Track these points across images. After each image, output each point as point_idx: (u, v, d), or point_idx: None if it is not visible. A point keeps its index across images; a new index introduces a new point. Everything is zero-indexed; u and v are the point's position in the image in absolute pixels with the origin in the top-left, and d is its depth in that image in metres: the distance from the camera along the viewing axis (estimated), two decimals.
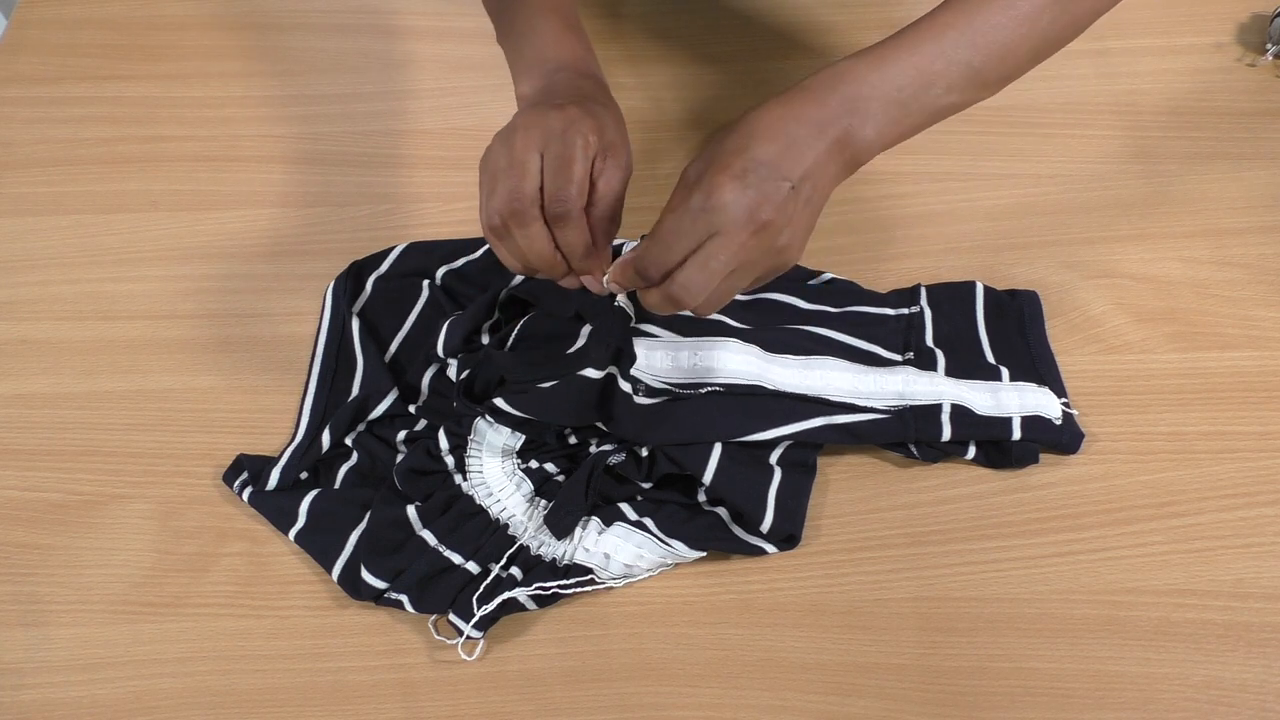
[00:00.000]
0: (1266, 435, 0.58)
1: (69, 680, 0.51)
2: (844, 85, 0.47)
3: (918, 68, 0.48)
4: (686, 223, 0.44)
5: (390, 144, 0.72)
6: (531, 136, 0.47)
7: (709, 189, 0.44)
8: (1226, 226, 0.67)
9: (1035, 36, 0.49)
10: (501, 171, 0.47)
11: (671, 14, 0.81)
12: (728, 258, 0.44)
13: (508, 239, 0.48)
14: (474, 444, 0.55)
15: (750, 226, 0.44)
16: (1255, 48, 0.77)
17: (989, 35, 0.48)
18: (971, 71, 0.49)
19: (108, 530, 0.55)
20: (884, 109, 0.47)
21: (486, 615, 0.50)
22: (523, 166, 0.46)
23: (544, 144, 0.46)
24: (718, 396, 0.55)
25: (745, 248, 0.44)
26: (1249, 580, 0.53)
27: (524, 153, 0.46)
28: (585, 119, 0.47)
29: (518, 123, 0.48)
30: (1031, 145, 0.72)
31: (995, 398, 0.57)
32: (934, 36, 0.48)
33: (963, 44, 0.48)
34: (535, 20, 0.54)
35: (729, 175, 0.44)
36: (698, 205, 0.44)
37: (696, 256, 0.45)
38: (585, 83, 0.52)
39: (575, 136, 0.46)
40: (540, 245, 0.47)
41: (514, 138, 0.47)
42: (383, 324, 0.62)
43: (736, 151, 0.45)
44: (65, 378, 0.61)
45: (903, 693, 0.50)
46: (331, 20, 0.80)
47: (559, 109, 0.47)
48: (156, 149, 0.72)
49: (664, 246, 0.45)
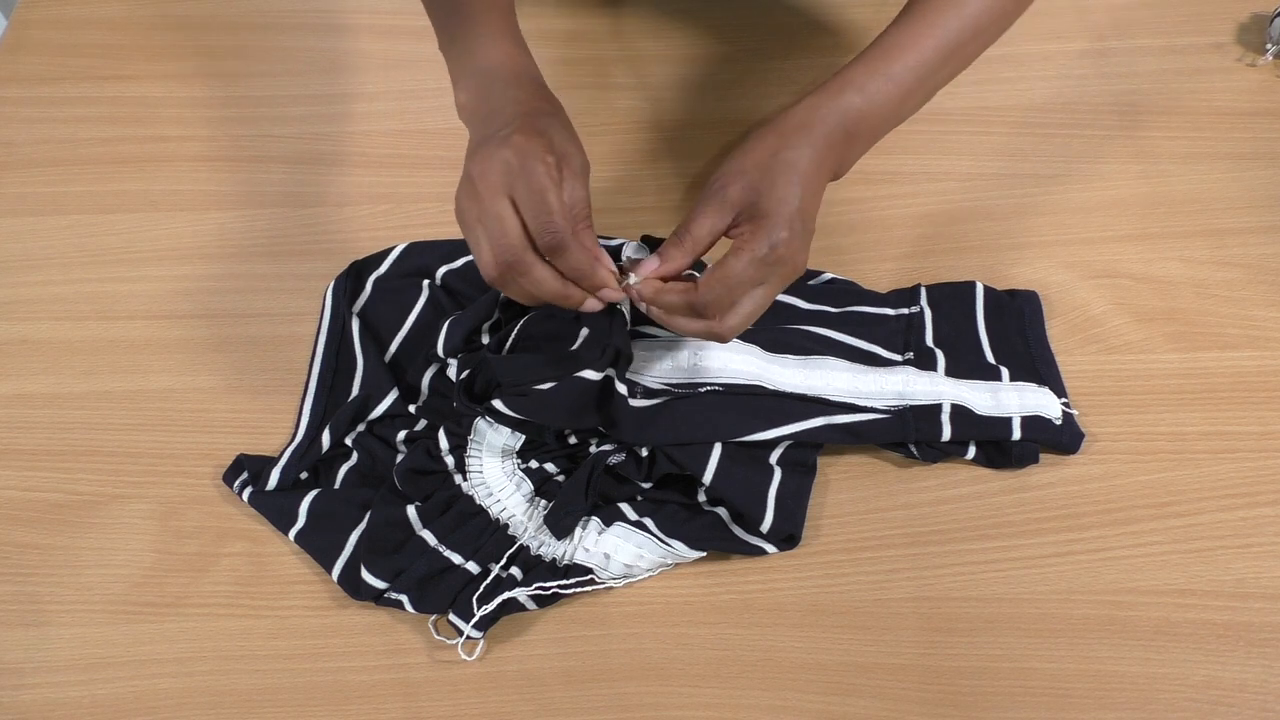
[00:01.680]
0: (1266, 435, 0.58)
1: (69, 680, 0.51)
2: (848, 117, 0.51)
3: (894, 97, 0.52)
4: (751, 272, 0.48)
5: (390, 144, 0.72)
6: (492, 183, 0.47)
7: (776, 244, 0.47)
8: (1226, 226, 0.67)
9: (985, 43, 0.55)
10: (480, 227, 0.48)
11: (671, 14, 0.81)
12: (767, 301, 0.49)
13: (513, 285, 0.49)
14: (474, 444, 0.55)
15: (792, 275, 0.49)
16: (1255, 48, 0.77)
17: (954, 51, 0.53)
18: (935, 87, 0.54)
19: (108, 530, 0.55)
20: (870, 138, 0.53)
21: (486, 615, 0.50)
22: (499, 219, 0.47)
23: (509, 186, 0.47)
24: (717, 396, 0.55)
25: (777, 292, 0.50)
26: (1249, 580, 0.53)
27: (493, 203, 0.47)
28: (533, 139, 0.48)
29: (472, 172, 0.48)
30: (1031, 145, 0.72)
31: (995, 398, 0.57)
32: (911, 60, 0.52)
33: (935, 63, 0.53)
34: (470, 28, 0.54)
35: (789, 231, 0.48)
36: (763, 258, 0.47)
37: (745, 304, 0.49)
38: (521, 91, 0.52)
39: (534, 164, 0.47)
40: (549, 285, 0.48)
41: (476, 189, 0.47)
42: (383, 324, 0.62)
43: (790, 201, 0.48)
44: (65, 378, 0.61)
45: (903, 693, 0.50)
46: (331, 20, 0.80)
47: (504, 143, 0.48)
48: (156, 149, 0.72)
49: (728, 291, 0.48)
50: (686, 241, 0.49)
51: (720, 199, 0.49)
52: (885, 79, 0.52)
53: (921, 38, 0.52)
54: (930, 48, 0.52)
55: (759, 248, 0.47)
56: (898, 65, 0.52)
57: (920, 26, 0.53)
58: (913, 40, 0.52)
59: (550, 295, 0.49)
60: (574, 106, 0.74)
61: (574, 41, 0.79)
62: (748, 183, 0.49)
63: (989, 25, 0.54)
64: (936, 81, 0.54)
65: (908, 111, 0.54)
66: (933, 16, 0.53)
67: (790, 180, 0.49)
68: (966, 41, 0.53)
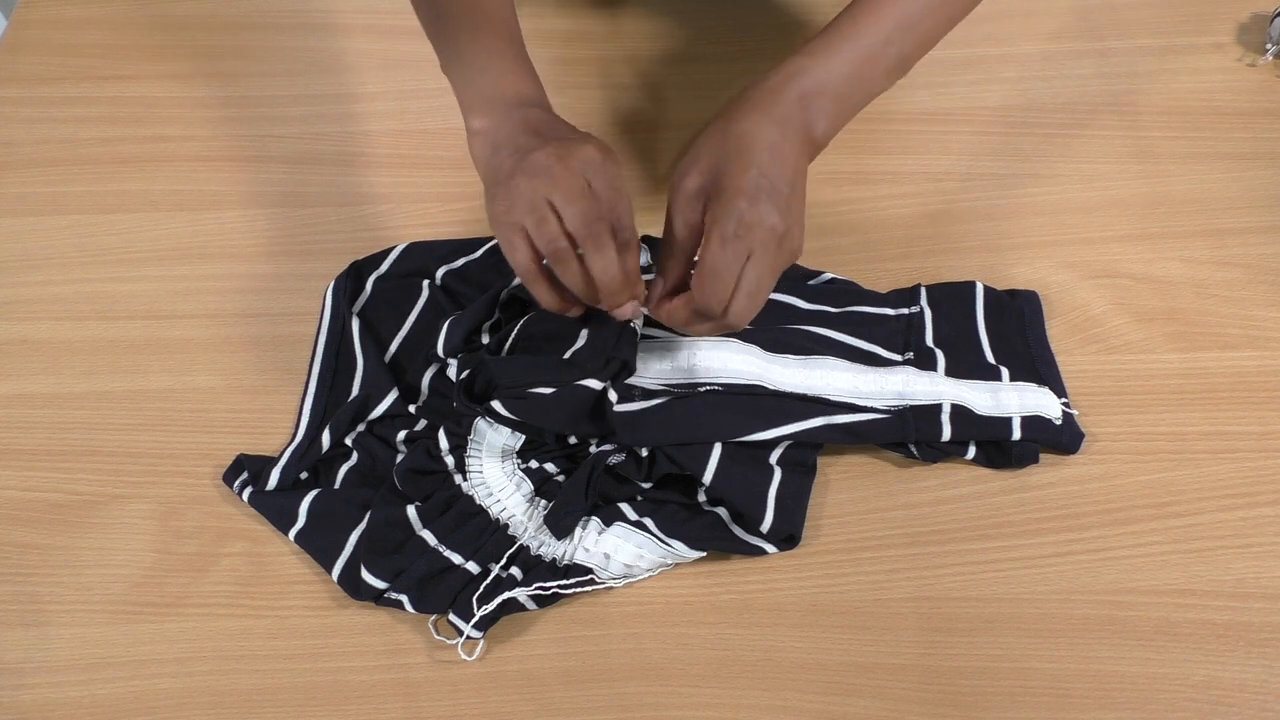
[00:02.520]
0: (1266, 435, 0.58)
1: (69, 680, 0.51)
2: (799, 84, 0.51)
3: (858, 61, 0.52)
4: (730, 252, 0.47)
5: (390, 144, 0.72)
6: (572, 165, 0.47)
7: (739, 214, 0.47)
8: (1226, 226, 0.67)
9: (948, 19, 0.55)
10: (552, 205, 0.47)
11: (671, 14, 0.81)
12: (767, 275, 0.48)
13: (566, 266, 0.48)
14: (474, 444, 0.55)
15: (775, 238, 0.48)
16: (1255, 48, 0.77)
17: (914, 21, 0.53)
18: (901, 58, 0.54)
19: (108, 530, 0.55)
20: (833, 103, 0.52)
21: (486, 615, 0.50)
22: (584, 192, 0.47)
23: (587, 172, 0.48)
24: (717, 396, 0.55)
25: (775, 258, 0.48)
26: (1249, 580, 0.53)
27: (574, 180, 0.47)
28: (610, 153, 0.49)
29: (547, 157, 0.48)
30: (1031, 145, 0.72)
31: (995, 398, 0.57)
32: (870, 28, 0.52)
33: (894, 33, 0.52)
34: (487, 54, 0.54)
35: (748, 197, 0.47)
36: (733, 232, 0.47)
37: (743, 285, 0.48)
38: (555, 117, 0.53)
39: (615, 166, 0.49)
40: (616, 267, 0.48)
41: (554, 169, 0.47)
42: (383, 324, 0.62)
43: (742, 170, 0.48)
44: (65, 378, 0.61)
45: (903, 693, 0.50)
46: (331, 20, 0.80)
47: (587, 141, 0.49)
48: (156, 149, 0.72)
49: (719, 282, 0.47)
50: (673, 248, 0.50)
51: (683, 192, 0.49)
52: (845, 41, 0.52)
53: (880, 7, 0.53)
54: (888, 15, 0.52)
55: (726, 225, 0.47)
56: (855, 30, 0.52)
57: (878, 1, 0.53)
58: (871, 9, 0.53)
59: (613, 276, 0.48)
60: (574, 106, 0.74)
61: (574, 41, 0.79)
62: (703, 166, 0.49)
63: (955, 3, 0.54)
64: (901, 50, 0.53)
65: (877, 79, 0.53)
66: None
67: (744, 150, 0.48)
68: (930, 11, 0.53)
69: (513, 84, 0.53)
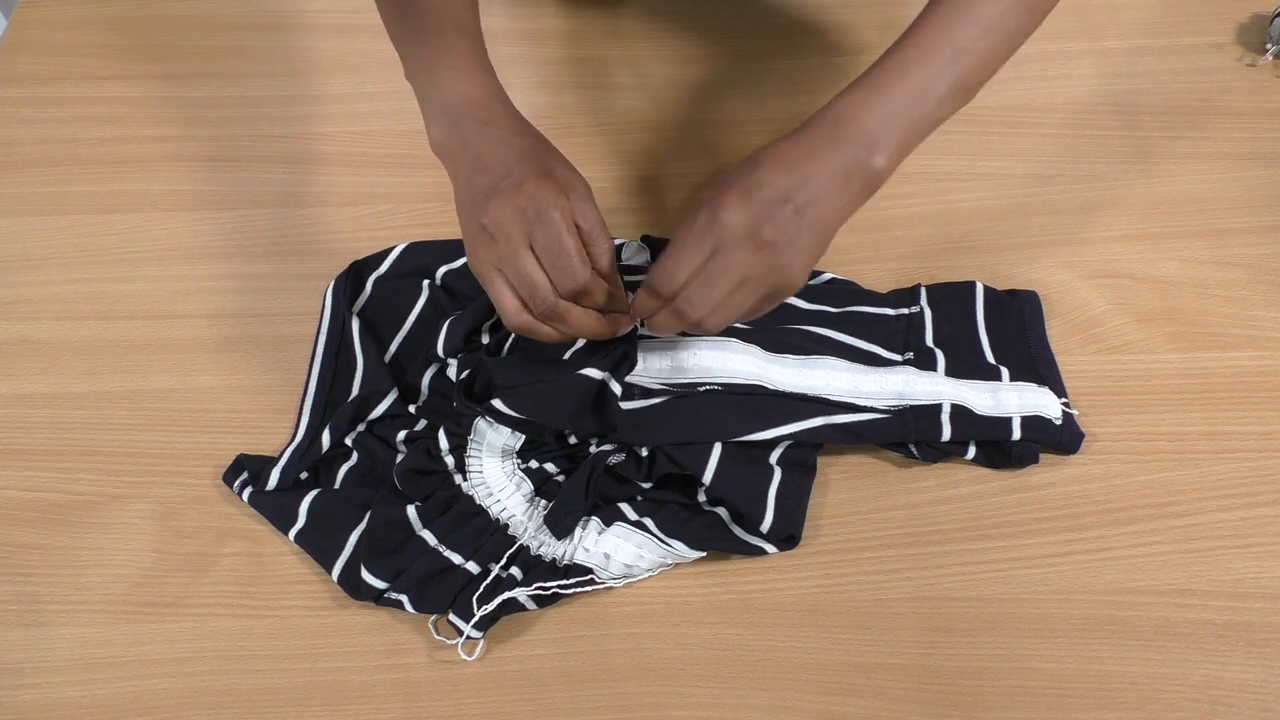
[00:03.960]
0: (1266, 435, 0.58)
1: (69, 680, 0.51)
2: (847, 121, 0.50)
3: (909, 92, 0.50)
4: (692, 239, 0.47)
5: (390, 144, 0.72)
6: (511, 235, 0.48)
7: (714, 207, 0.47)
8: (1226, 226, 0.67)
9: (1006, 40, 0.53)
10: (501, 278, 0.49)
11: (671, 14, 0.81)
12: (730, 272, 0.47)
13: (538, 332, 0.50)
14: (474, 444, 0.55)
15: (752, 242, 0.47)
16: (1255, 48, 0.77)
17: (968, 48, 0.51)
18: (957, 84, 0.52)
19: (108, 530, 0.55)
20: (887, 136, 0.50)
21: (486, 615, 0.50)
22: (526, 273, 0.48)
23: (528, 235, 0.48)
24: (717, 396, 0.55)
25: (746, 263, 0.47)
26: (1249, 580, 0.53)
27: (516, 256, 0.48)
28: (543, 184, 0.48)
29: (487, 223, 0.48)
30: (1031, 145, 0.72)
31: (995, 398, 0.57)
32: (920, 59, 0.51)
33: (947, 62, 0.51)
34: (436, 59, 0.54)
35: (733, 194, 0.47)
36: (703, 223, 0.47)
37: (702, 273, 0.48)
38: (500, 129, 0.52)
39: (551, 212, 0.48)
40: (588, 323, 0.50)
41: (494, 239, 0.48)
42: (383, 324, 0.62)
43: (743, 175, 0.48)
44: (65, 378, 0.61)
45: (903, 693, 0.50)
46: (332, 20, 0.80)
47: (516, 191, 0.48)
48: (156, 149, 0.72)
49: (673, 263, 0.48)
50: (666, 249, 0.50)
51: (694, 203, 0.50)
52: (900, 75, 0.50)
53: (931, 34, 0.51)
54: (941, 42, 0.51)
55: (698, 216, 0.47)
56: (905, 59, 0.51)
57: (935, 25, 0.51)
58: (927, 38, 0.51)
59: (590, 330, 0.50)
60: (574, 106, 0.74)
61: (574, 41, 0.79)
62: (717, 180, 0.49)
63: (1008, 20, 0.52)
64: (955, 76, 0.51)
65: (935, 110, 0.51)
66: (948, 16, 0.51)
67: (753, 160, 0.48)
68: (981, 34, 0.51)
69: (458, 87, 0.53)
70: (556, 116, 0.74)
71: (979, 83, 0.53)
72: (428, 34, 0.54)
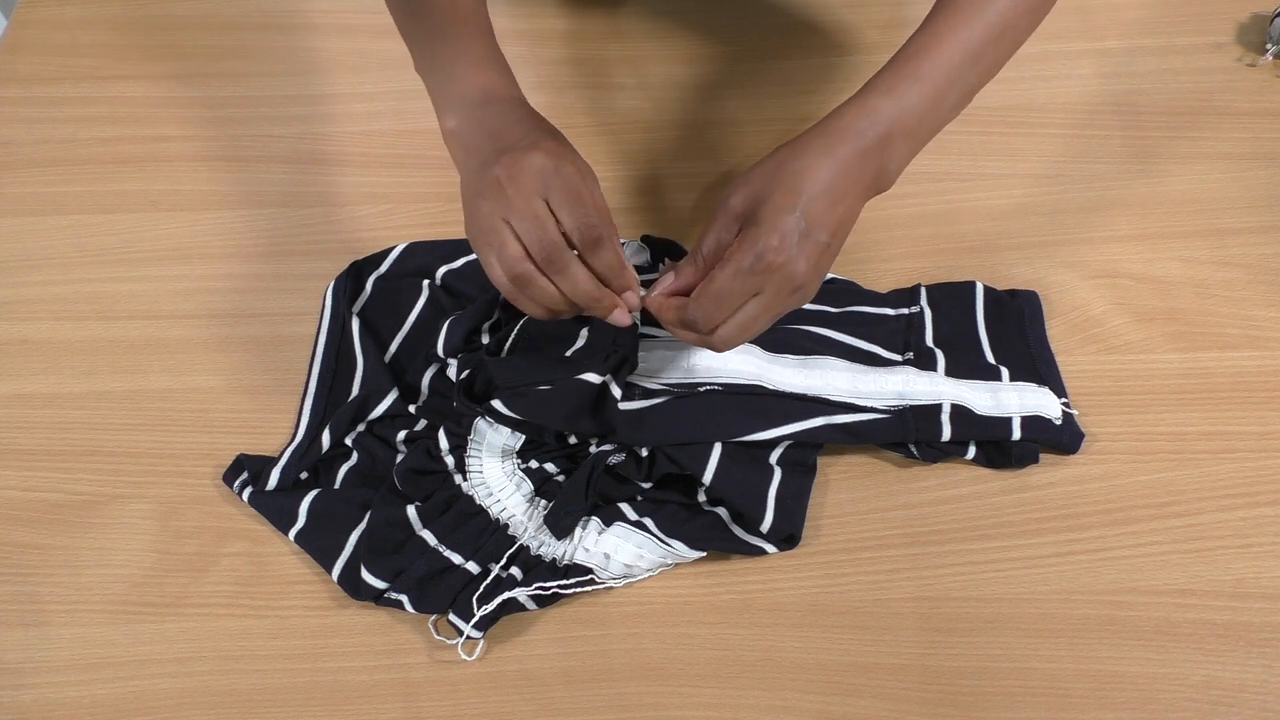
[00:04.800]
0: (1266, 435, 0.58)
1: (69, 680, 0.51)
2: (876, 125, 0.49)
3: (927, 97, 0.50)
4: (738, 284, 0.46)
5: (390, 144, 0.72)
6: (524, 184, 0.47)
7: (762, 253, 0.45)
8: (1226, 226, 0.67)
9: (1014, 43, 0.53)
10: (505, 229, 0.47)
11: (671, 14, 0.81)
12: (767, 316, 0.48)
13: (533, 287, 0.48)
14: (474, 444, 0.55)
15: (791, 286, 0.47)
16: (1255, 48, 0.77)
17: (980, 52, 0.51)
18: (969, 89, 0.52)
19: (108, 530, 0.55)
20: (906, 143, 0.50)
21: (486, 615, 0.50)
22: (535, 216, 0.47)
23: (543, 187, 0.47)
24: (717, 396, 0.55)
25: (783, 304, 0.48)
26: (1249, 580, 0.53)
27: (527, 201, 0.47)
28: (561, 148, 0.49)
29: (499, 175, 0.48)
30: (1031, 145, 0.72)
31: (995, 398, 0.57)
32: (937, 62, 0.50)
33: (962, 65, 0.51)
34: (454, 53, 0.54)
35: (780, 237, 0.46)
36: (749, 267, 0.46)
37: (738, 316, 0.47)
38: (519, 112, 0.52)
39: (566, 165, 0.48)
40: (586, 284, 0.48)
41: (506, 190, 0.47)
42: (383, 324, 0.62)
43: (786, 210, 0.46)
44: (65, 378, 0.61)
45: (903, 693, 0.50)
46: (331, 20, 0.80)
47: (534, 147, 0.48)
48: (156, 149, 0.72)
49: (717, 306, 0.47)
50: (697, 257, 0.49)
51: (724, 210, 0.48)
52: (914, 80, 0.50)
53: (945, 39, 0.51)
54: (955, 48, 0.51)
55: (745, 258, 0.46)
56: (924, 66, 0.50)
57: (944, 30, 0.51)
58: (936, 42, 0.51)
59: (584, 292, 0.48)
60: (574, 106, 0.74)
61: (574, 41, 0.79)
62: (750, 192, 0.48)
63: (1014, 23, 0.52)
64: (968, 82, 0.52)
65: (945, 114, 0.52)
66: (957, 18, 0.51)
67: (792, 188, 0.46)
68: (993, 40, 0.51)
69: (479, 81, 0.53)
70: (557, 116, 0.73)
71: (983, 85, 0.53)
72: (443, 29, 0.54)
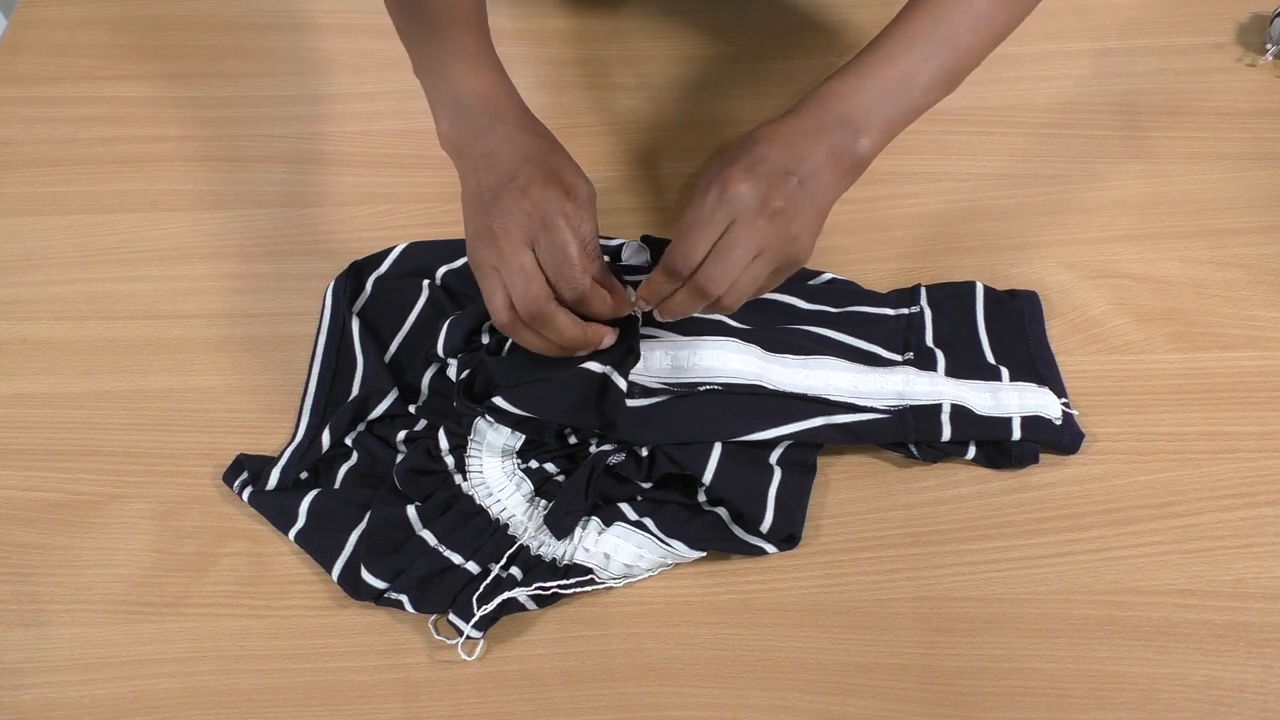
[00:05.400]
0: (1266, 435, 0.58)
1: (69, 680, 0.51)
2: (833, 105, 0.51)
3: (896, 79, 0.52)
4: (706, 216, 0.48)
5: (390, 144, 0.72)
6: (514, 236, 0.48)
7: (723, 183, 0.48)
8: (1226, 226, 0.67)
9: (993, 32, 0.54)
10: (497, 276, 0.49)
11: (671, 14, 0.81)
12: (747, 243, 0.48)
13: (520, 336, 0.50)
14: (474, 444, 0.55)
15: (765, 212, 0.48)
16: (1255, 48, 0.77)
17: (956, 38, 0.53)
18: (943, 73, 0.53)
19: (108, 530, 0.55)
20: (872, 120, 0.51)
21: (486, 615, 0.50)
22: (523, 271, 0.48)
23: (531, 239, 0.48)
24: (717, 396, 0.55)
25: (761, 233, 0.48)
26: (1249, 580, 0.53)
27: (516, 254, 0.48)
28: (549, 189, 0.49)
29: (493, 224, 0.48)
30: (1031, 145, 0.72)
31: (995, 398, 0.57)
32: (906, 48, 0.52)
33: (932, 51, 0.53)
34: (447, 56, 0.54)
35: (740, 169, 0.48)
36: (714, 199, 0.48)
37: (718, 247, 0.48)
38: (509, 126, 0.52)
39: (555, 218, 0.48)
40: (572, 332, 0.50)
41: (498, 240, 0.48)
42: (383, 324, 0.62)
43: (743, 152, 0.49)
44: (65, 378, 0.61)
45: (903, 693, 0.50)
46: (331, 20, 0.80)
47: (523, 194, 0.48)
48: (156, 149, 0.72)
49: (689, 243, 0.48)
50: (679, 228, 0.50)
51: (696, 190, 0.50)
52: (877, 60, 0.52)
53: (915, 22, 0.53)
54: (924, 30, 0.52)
55: (708, 190, 0.48)
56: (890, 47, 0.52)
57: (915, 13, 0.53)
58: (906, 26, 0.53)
59: (570, 341, 0.50)
60: (574, 106, 0.74)
61: (574, 41, 0.79)
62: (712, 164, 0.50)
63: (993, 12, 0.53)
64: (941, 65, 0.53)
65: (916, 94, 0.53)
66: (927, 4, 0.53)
67: (751, 138, 0.49)
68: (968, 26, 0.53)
69: (471, 83, 0.53)
70: (557, 116, 0.73)
71: (965, 71, 0.54)
72: (438, 30, 0.54)
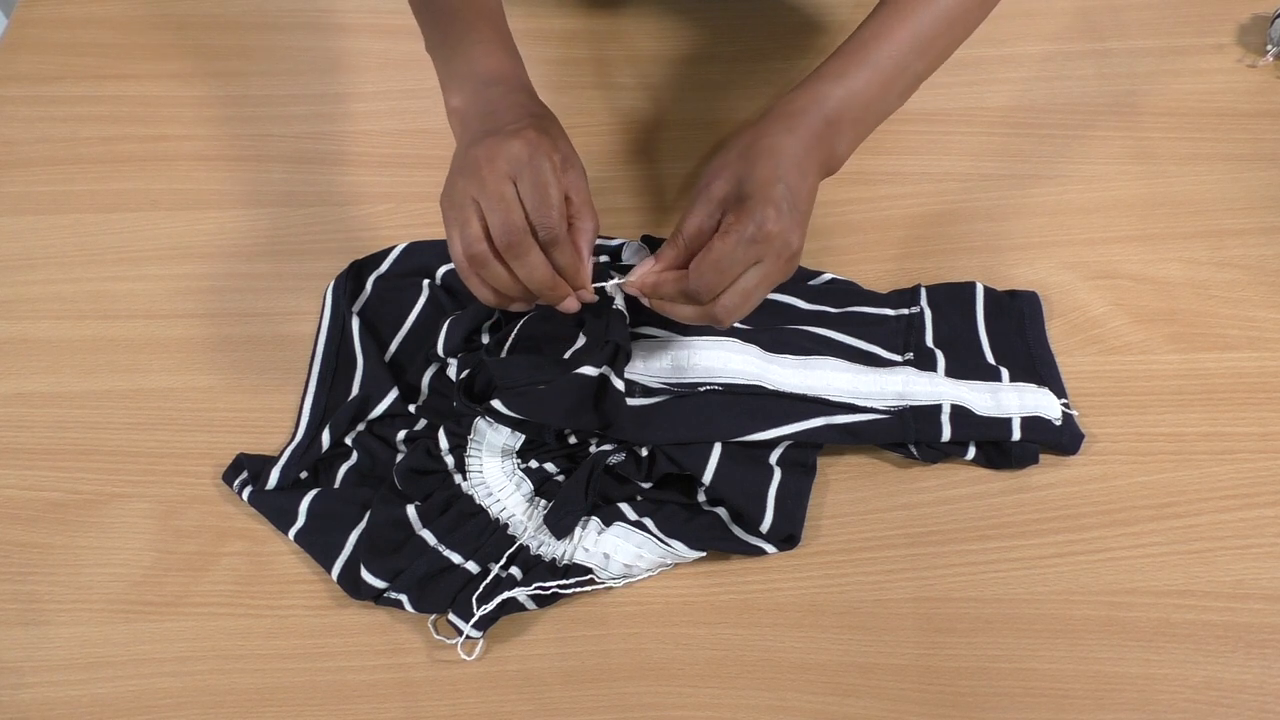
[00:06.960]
0: (1266, 436, 0.58)
1: (69, 680, 0.51)
2: (825, 109, 0.52)
3: (875, 83, 0.53)
4: (740, 253, 0.48)
5: (390, 144, 0.72)
6: (498, 167, 0.48)
7: (761, 222, 0.47)
8: (1226, 227, 0.67)
9: (963, 33, 0.56)
10: (479, 206, 0.48)
11: (671, 14, 0.81)
12: (765, 284, 0.49)
13: (486, 269, 0.49)
14: (474, 444, 0.55)
15: (786, 254, 0.49)
16: (1255, 49, 0.77)
17: (928, 42, 0.54)
18: (916, 77, 0.55)
19: (108, 530, 0.55)
20: (853, 126, 0.53)
21: (486, 615, 0.50)
22: (503, 199, 0.47)
23: (514, 172, 0.48)
24: (717, 396, 0.55)
25: (780, 271, 0.49)
26: (1249, 581, 0.53)
27: (499, 184, 0.48)
28: (542, 138, 0.49)
29: (479, 155, 0.48)
30: (1031, 145, 0.72)
31: (995, 398, 0.57)
32: (886, 50, 0.53)
33: (910, 53, 0.54)
34: (465, 33, 0.55)
35: (774, 208, 0.48)
36: (750, 236, 0.47)
37: (740, 283, 0.48)
38: (519, 96, 0.53)
39: (541, 160, 0.48)
40: (541, 272, 0.49)
41: (481, 171, 0.48)
42: (383, 324, 0.62)
43: (772, 182, 0.49)
44: (65, 377, 0.61)
45: (903, 693, 0.50)
46: (331, 20, 0.80)
47: (516, 135, 0.48)
48: (156, 149, 0.72)
49: (718, 274, 0.48)
50: (678, 240, 0.50)
51: (705, 196, 0.50)
52: (862, 67, 0.53)
53: (895, 28, 0.54)
54: (904, 37, 0.53)
55: (745, 228, 0.47)
56: (874, 54, 0.53)
57: (893, 19, 0.54)
58: (887, 30, 0.54)
59: (539, 281, 0.49)
60: (574, 106, 0.74)
61: (574, 41, 0.79)
62: (730, 174, 0.50)
63: (962, 15, 0.55)
64: (915, 71, 0.55)
65: (892, 101, 0.55)
66: (905, 9, 0.54)
67: (772, 163, 0.49)
68: (941, 31, 0.54)
69: (488, 63, 0.54)
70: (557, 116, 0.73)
71: (930, 73, 0.56)
72: (456, 8, 0.55)
